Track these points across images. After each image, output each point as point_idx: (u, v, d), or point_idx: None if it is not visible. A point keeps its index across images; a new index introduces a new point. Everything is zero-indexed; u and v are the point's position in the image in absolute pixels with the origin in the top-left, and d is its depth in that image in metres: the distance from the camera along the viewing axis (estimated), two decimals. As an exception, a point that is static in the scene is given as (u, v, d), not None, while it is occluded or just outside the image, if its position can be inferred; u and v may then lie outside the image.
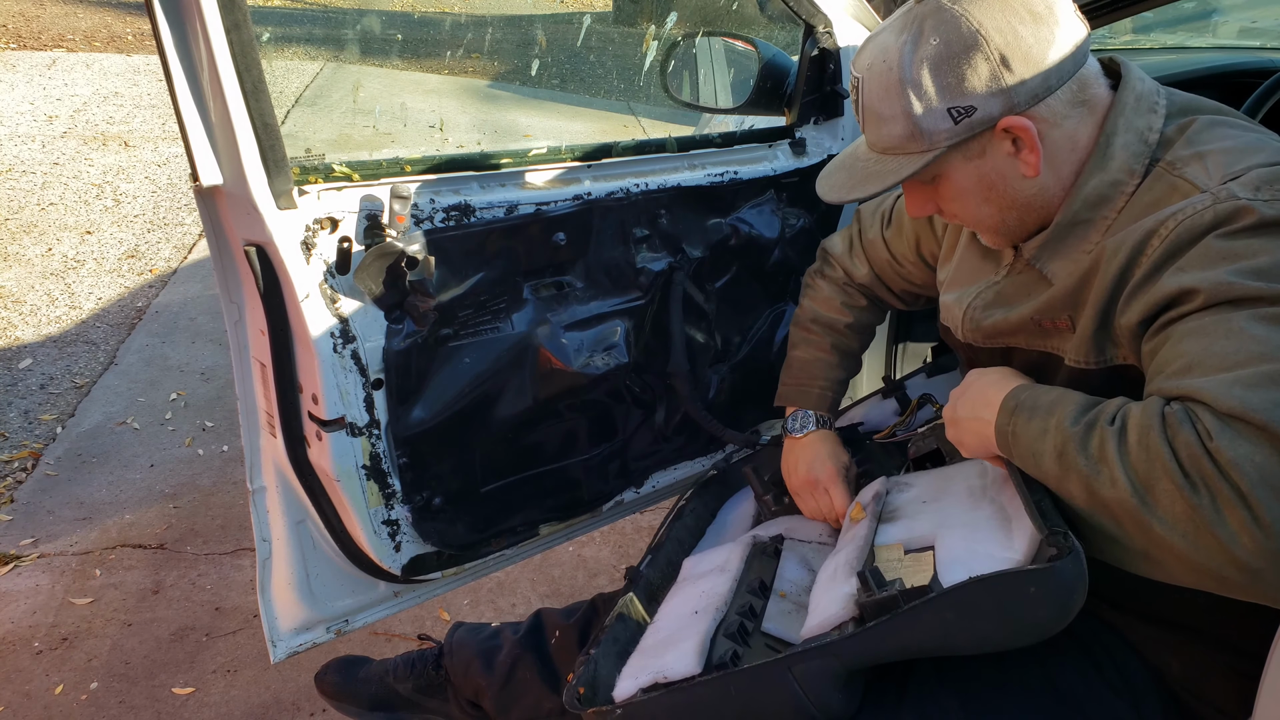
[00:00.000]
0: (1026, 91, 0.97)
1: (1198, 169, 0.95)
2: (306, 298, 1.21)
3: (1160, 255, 0.91)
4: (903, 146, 1.04)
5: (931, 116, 0.99)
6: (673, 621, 1.18)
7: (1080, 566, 0.84)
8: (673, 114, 6.95)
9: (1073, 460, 0.86)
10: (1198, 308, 0.86)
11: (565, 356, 1.48)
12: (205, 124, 1.10)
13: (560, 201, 1.40)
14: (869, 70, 1.04)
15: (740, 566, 1.24)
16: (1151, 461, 0.80)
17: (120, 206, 4.94)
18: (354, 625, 1.53)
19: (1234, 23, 3.13)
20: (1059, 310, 1.05)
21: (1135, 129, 1.00)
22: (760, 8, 2.30)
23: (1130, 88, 1.03)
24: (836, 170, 1.15)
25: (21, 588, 2.36)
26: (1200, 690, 1.05)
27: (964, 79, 0.97)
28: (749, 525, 1.50)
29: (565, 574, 2.46)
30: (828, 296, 1.52)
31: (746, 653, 1.09)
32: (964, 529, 1.02)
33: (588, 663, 1.16)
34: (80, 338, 3.68)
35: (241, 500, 2.73)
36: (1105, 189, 1.00)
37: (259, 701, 2.03)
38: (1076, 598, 0.84)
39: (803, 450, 1.44)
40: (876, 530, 1.13)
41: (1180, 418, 0.80)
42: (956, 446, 1.08)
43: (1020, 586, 0.84)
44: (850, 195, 1.10)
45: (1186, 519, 0.77)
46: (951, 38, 0.97)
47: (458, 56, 9.00)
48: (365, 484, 1.36)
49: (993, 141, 1.01)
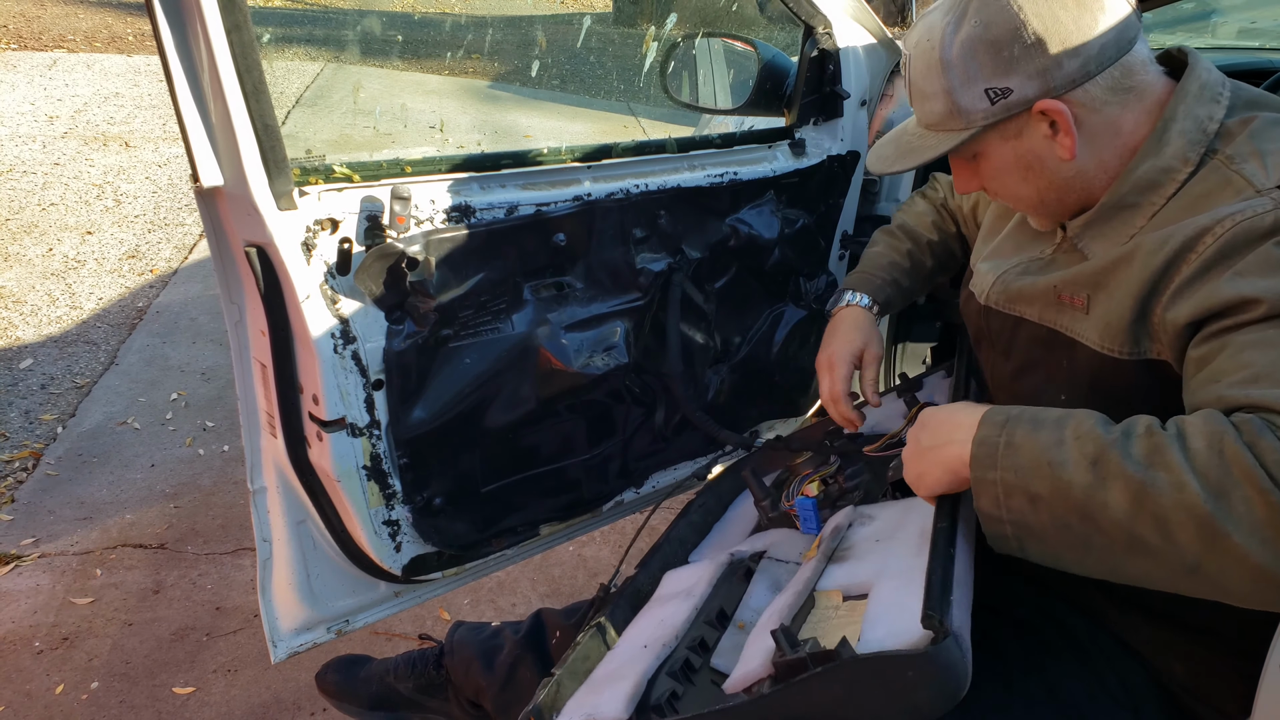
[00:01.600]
0: (1064, 76, 0.98)
1: (1255, 166, 0.94)
2: (307, 298, 1.21)
3: (1213, 254, 0.89)
4: (944, 123, 1.06)
5: (969, 95, 1.01)
6: (625, 652, 1.18)
7: (957, 653, 0.80)
8: (672, 115, 6.94)
9: (1115, 466, 0.80)
10: (1259, 318, 0.84)
11: (565, 357, 1.49)
12: (206, 125, 1.10)
13: (560, 202, 1.40)
14: (915, 47, 1.06)
15: (706, 591, 1.23)
16: (1227, 467, 0.76)
17: (121, 207, 4.94)
18: (355, 625, 1.53)
19: (1233, 23, 3.13)
20: (1080, 286, 1.05)
21: (1195, 117, 0.99)
22: (760, 8, 2.30)
23: (1195, 76, 1.02)
24: (886, 143, 1.19)
25: (22, 587, 2.37)
26: (1203, 692, 1.05)
27: (1001, 61, 0.98)
28: (750, 526, 1.50)
29: (566, 574, 2.47)
30: (921, 211, 1.55)
31: (687, 689, 1.08)
32: (900, 579, 1.00)
33: (550, 684, 1.16)
34: (81, 338, 3.68)
35: (242, 500, 2.73)
36: (1156, 174, 1.00)
37: (259, 701, 2.03)
38: (956, 685, 0.80)
39: (831, 326, 1.46)
40: (823, 572, 1.13)
41: (1259, 426, 0.77)
42: (914, 485, 1.01)
43: (899, 669, 0.81)
44: (893, 167, 1.14)
45: (1270, 524, 0.75)
46: (992, 19, 0.98)
47: (458, 57, 9.00)
48: (366, 484, 1.36)
49: (1030, 123, 1.02)
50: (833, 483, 1.38)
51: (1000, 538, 0.89)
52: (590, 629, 1.28)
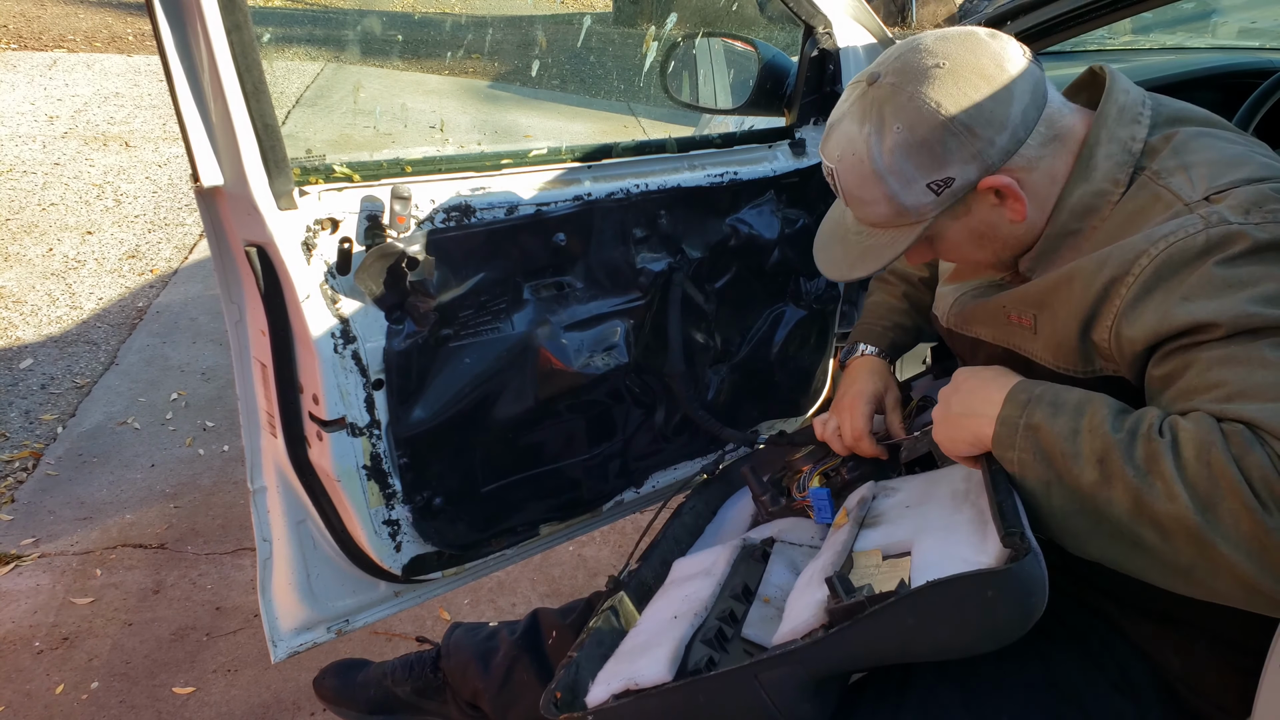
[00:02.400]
0: (998, 151, 0.99)
1: (1181, 180, 0.96)
2: (307, 298, 1.21)
3: (1150, 276, 0.92)
4: (892, 221, 1.07)
5: (912, 195, 1.02)
6: (652, 626, 1.18)
7: (1038, 569, 0.83)
8: (673, 114, 6.95)
9: (1118, 469, 0.84)
10: (1219, 338, 0.87)
11: (565, 357, 1.49)
12: (206, 124, 1.10)
13: (560, 202, 1.40)
14: (840, 162, 1.06)
15: (726, 570, 1.24)
16: (1215, 480, 0.80)
17: (121, 207, 4.94)
18: (354, 625, 1.53)
19: (1233, 23, 3.13)
20: (1026, 306, 1.07)
21: (1118, 139, 1.02)
22: (760, 8, 2.31)
23: (1113, 99, 1.04)
24: (831, 243, 1.18)
25: (22, 587, 2.36)
26: (1201, 687, 1.05)
27: (935, 157, 0.99)
28: (747, 525, 1.50)
29: (565, 574, 2.47)
30: None
31: (723, 658, 1.08)
32: (941, 533, 1.01)
33: (569, 666, 1.16)
34: (81, 338, 3.68)
35: (242, 500, 2.73)
36: (1090, 199, 1.02)
37: (259, 701, 2.03)
38: (1036, 600, 0.82)
39: (845, 376, 1.47)
40: (858, 536, 1.13)
41: (1248, 439, 0.80)
42: (944, 447, 1.06)
43: (977, 589, 0.82)
44: (852, 274, 1.14)
45: (1254, 539, 0.78)
46: (914, 122, 0.98)
47: (458, 57, 9.00)
48: (366, 484, 1.36)
49: (977, 199, 1.03)
50: (835, 475, 1.39)
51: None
52: (602, 615, 1.27)
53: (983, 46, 1.00)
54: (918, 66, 1.00)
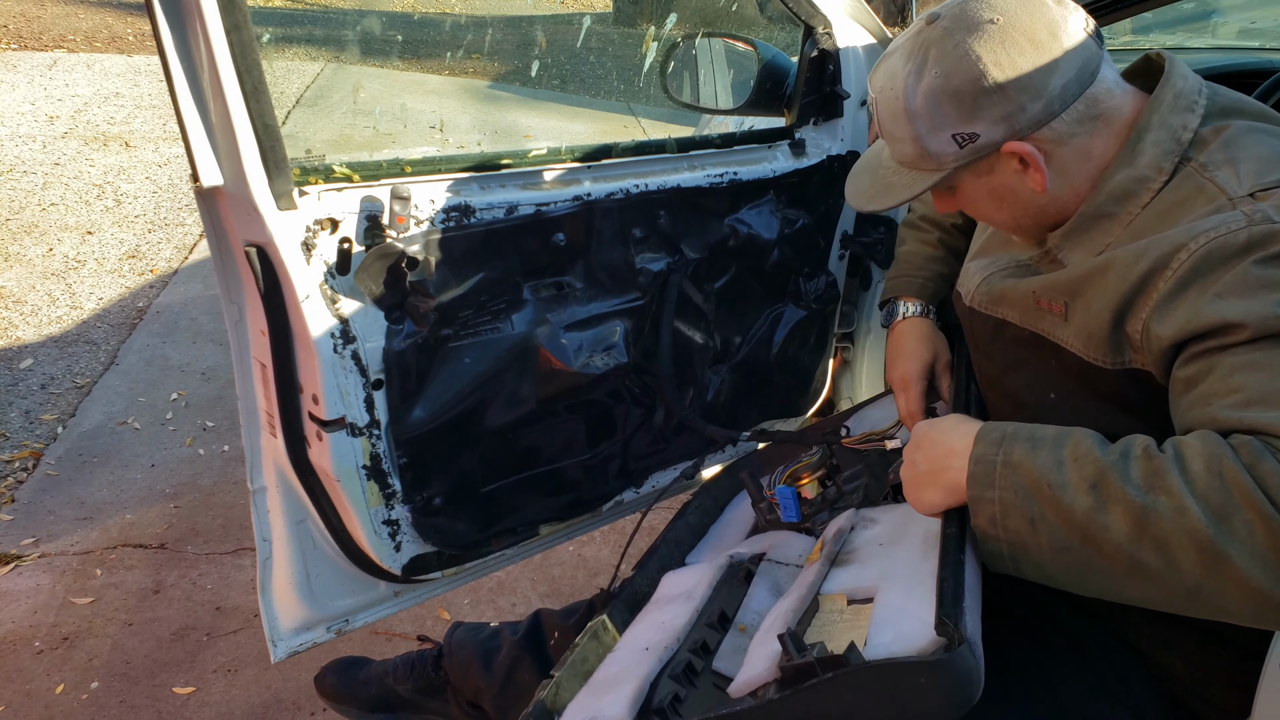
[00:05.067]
0: (1028, 119, 0.98)
1: (1228, 174, 0.95)
2: (307, 298, 1.21)
3: (1188, 271, 0.90)
4: (916, 164, 1.08)
5: (937, 141, 1.03)
6: (626, 656, 1.18)
7: (970, 660, 0.81)
8: (672, 115, 6.95)
9: (1115, 491, 0.81)
10: (1244, 340, 0.85)
11: (565, 357, 1.49)
12: (206, 125, 1.10)
13: (560, 202, 1.40)
14: (880, 93, 1.07)
15: (706, 594, 1.23)
16: (1228, 490, 0.77)
17: (121, 207, 4.94)
18: (354, 625, 1.53)
19: (1233, 23, 3.13)
20: (1058, 293, 1.05)
21: (1169, 126, 1.00)
22: (760, 8, 2.31)
23: (1170, 85, 1.02)
24: (862, 172, 1.20)
25: (22, 587, 2.37)
26: (1203, 692, 1.05)
27: (965, 109, 0.99)
28: (749, 528, 1.50)
29: (565, 574, 2.47)
30: None
31: (690, 694, 1.09)
32: (906, 584, 1.01)
33: (549, 686, 1.16)
34: (81, 338, 3.68)
35: (242, 500, 2.73)
36: (1131, 184, 1.00)
37: (260, 701, 2.04)
38: (968, 692, 0.81)
39: (893, 342, 1.47)
40: (827, 575, 1.13)
41: (1257, 449, 0.78)
42: (918, 508, 1.01)
43: (911, 677, 0.81)
44: (871, 205, 1.17)
45: (1270, 548, 0.75)
46: (952, 70, 0.98)
47: (458, 57, 9.00)
48: (365, 484, 1.36)
49: (999, 161, 1.03)
50: (830, 485, 1.38)
51: (995, 555, 0.91)
52: (589, 631, 1.27)
53: (1042, 11, 0.98)
54: (973, 17, 0.99)
